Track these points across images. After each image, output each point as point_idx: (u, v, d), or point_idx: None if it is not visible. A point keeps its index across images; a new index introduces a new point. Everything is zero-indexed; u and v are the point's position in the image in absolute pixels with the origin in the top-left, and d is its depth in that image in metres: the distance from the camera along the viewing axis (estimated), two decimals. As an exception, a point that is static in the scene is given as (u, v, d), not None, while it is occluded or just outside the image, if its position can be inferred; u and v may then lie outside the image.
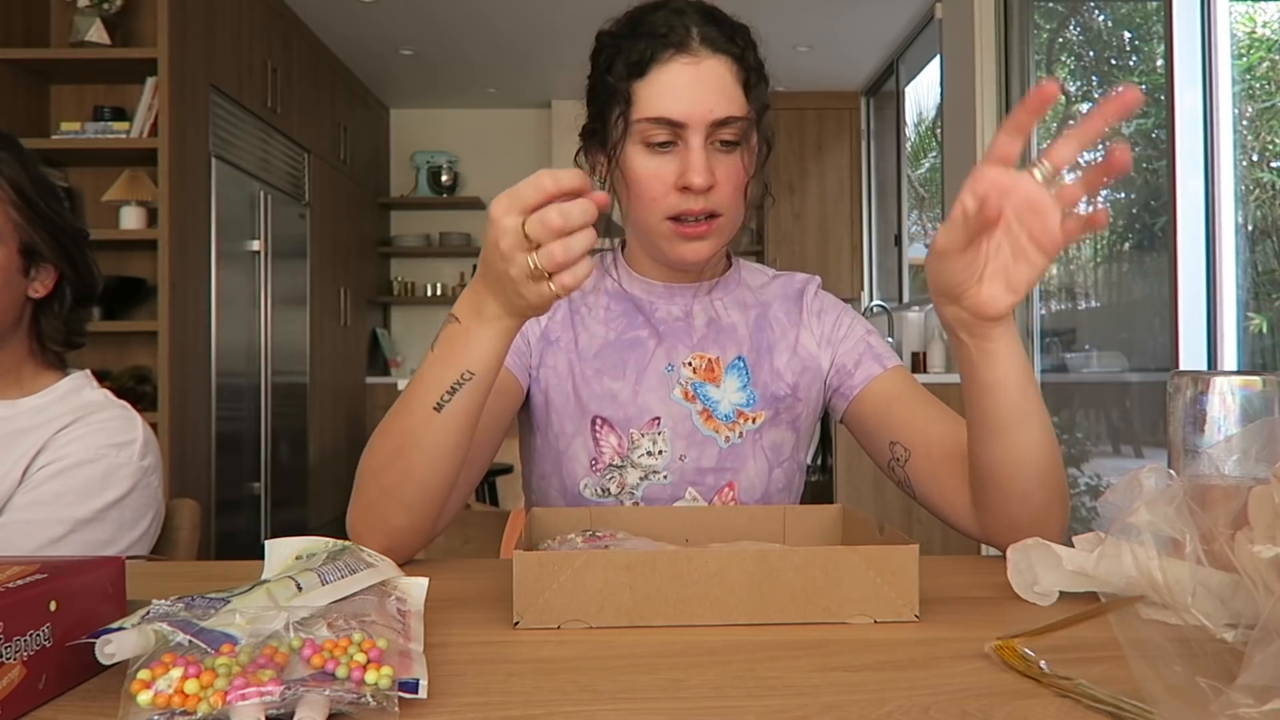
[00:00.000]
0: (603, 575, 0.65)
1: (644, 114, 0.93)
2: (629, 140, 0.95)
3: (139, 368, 3.47)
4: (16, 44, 3.32)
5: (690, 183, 0.92)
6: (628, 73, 0.94)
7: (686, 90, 0.92)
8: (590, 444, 1.03)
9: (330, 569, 0.59)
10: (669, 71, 0.93)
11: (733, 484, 1.05)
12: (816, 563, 0.66)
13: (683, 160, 0.93)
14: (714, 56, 0.93)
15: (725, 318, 1.09)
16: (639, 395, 1.04)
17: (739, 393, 1.06)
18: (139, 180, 3.42)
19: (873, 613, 0.66)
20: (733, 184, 0.96)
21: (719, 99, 0.93)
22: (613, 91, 0.96)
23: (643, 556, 0.66)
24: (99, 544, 1.01)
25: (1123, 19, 3.43)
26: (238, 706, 0.44)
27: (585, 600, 0.65)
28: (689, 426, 1.04)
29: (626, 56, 0.94)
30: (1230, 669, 0.45)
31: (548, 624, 0.64)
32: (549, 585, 0.64)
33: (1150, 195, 3.00)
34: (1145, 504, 0.59)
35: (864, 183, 6.00)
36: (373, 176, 6.17)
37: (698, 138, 0.92)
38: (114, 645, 0.47)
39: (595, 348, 1.06)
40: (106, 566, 0.57)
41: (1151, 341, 2.92)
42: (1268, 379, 0.71)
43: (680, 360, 1.06)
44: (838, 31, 5.00)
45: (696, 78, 0.93)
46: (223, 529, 3.88)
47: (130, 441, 1.07)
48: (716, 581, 0.65)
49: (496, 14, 4.82)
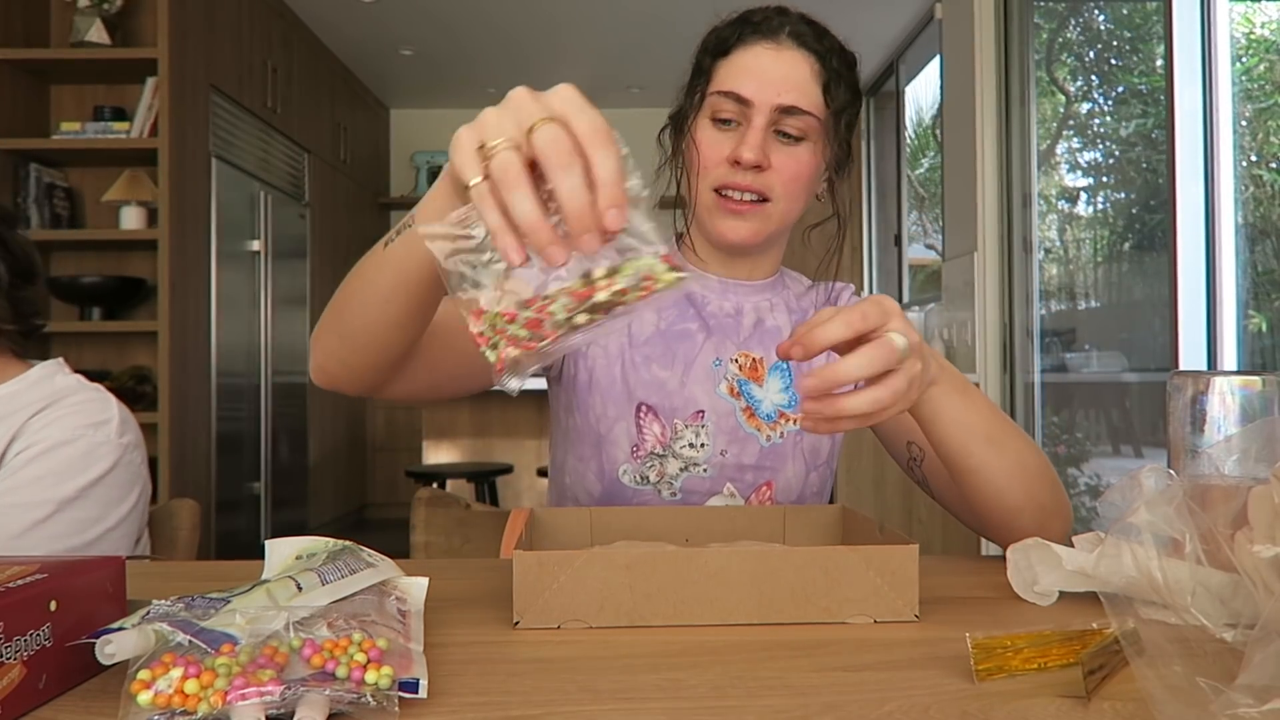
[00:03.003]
0: (602, 575, 0.64)
1: (717, 87, 0.98)
2: (700, 113, 0.99)
3: (139, 368, 3.47)
4: (16, 44, 3.33)
5: (740, 155, 0.95)
6: (714, 51, 0.99)
7: (761, 71, 0.96)
8: (633, 430, 1.04)
9: (330, 569, 0.59)
10: (750, 54, 0.97)
11: (770, 483, 1.05)
12: (817, 563, 0.66)
13: (741, 136, 0.96)
14: (797, 49, 0.97)
15: (771, 320, 1.10)
16: (686, 387, 1.04)
17: (781, 394, 1.07)
18: (139, 180, 3.42)
19: (873, 613, 0.66)
20: (789, 173, 0.98)
21: (789, 87, 0.96)
22: (698, 68, 1.01)
23: (642, 556, 0.65)
24: (87, 522, 1.01)
25: (1123, 19, 3.44)
26: (238, 706, 0.44)
27: (585, 600, 0.64)
28: (732, 423, 1.04)
29: (719, 37, 0.99)
30: (1230, 669, 0.45)
31: (548, 624, 0.64)
32: (549, 585, 0.64)
33: (1150, 195, 3.00)
34: (1145, 504, 0.59)
35: (864, 183, 5.99)
36: (373, 176, 6.17)
37: (761, 118, 0.95)
38: (114, 646, 0.47)
39: (646, 334, 1.06)
40: (107, 566, 0.57)
41: (1151, 341, 2.92)
42: (1268, 379, 0.71)
43: (728, 356, 1.07)
44: (838, 31, 4.99)
45: (774, 61, 0.96)
46: (223, 529, 3.88)
47: (107, 420, 1.07)
48: (717, 581, 0.65)
49: (497, 14, 4.82)
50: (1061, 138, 3.66)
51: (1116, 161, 3.36)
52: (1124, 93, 3.36)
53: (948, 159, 4.07)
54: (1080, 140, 3.62)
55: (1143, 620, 0.53)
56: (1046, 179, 3.63)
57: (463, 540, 1.23)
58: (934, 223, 5.05)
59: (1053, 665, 0.54)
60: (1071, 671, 0.53)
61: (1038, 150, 3.53)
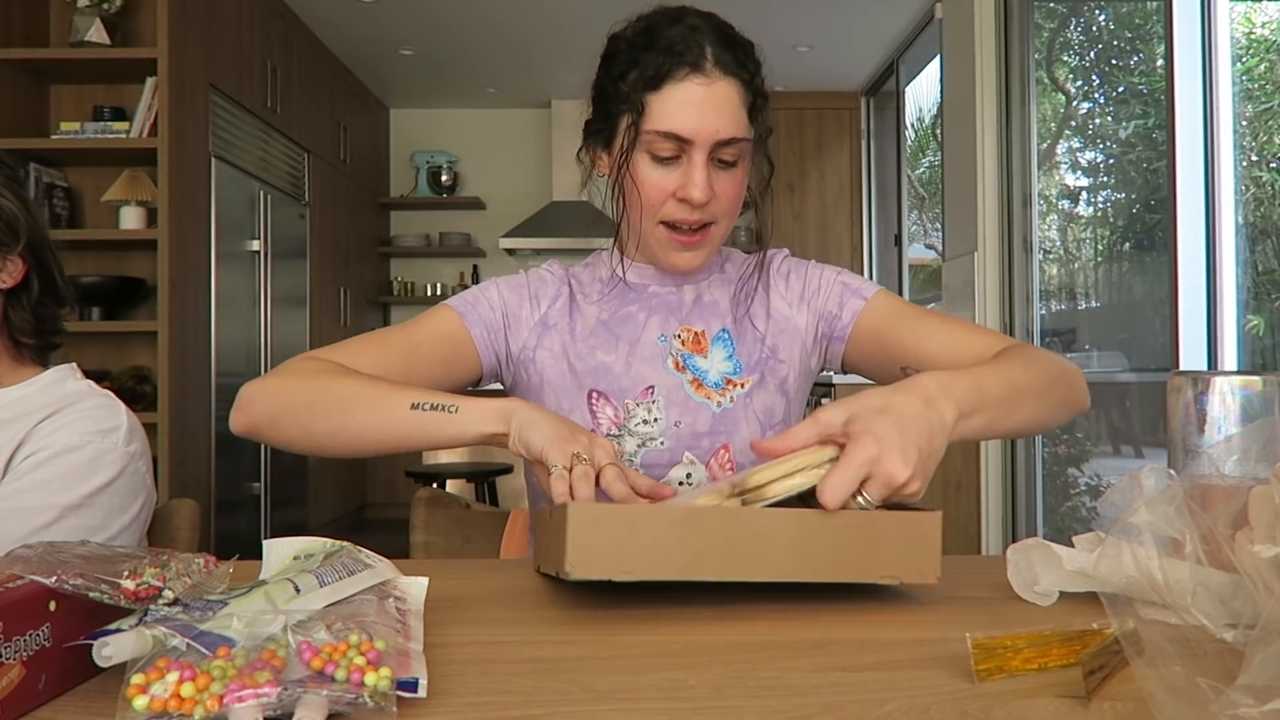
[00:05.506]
0: (654, 530, 0.66)
1: (654, 127, 0.98)
2: (637, 149, 1.00)
3: (139, 368, 3.47)
4: (16, 44, 3.32)
5: (689, 196, 0.98)
6: (643, 84, 0.99)
7: (698, 109, 0.97)
8: (588, 416, 1.07)
9: (328, 570, 0.59)
10: (682, 90, 0.97)
11: (728, 446, 1.08)
12: (854, 525, 0.69)
13: (685, 174, 0.99)
14: (725, 79, 0.98)
15: (708, 295, 1.14)
16: (632, 367, 1.08)
17: (726, 362, 1.10)
18: (139, 180, 3.42)
19: (901, 573, 0.70)
20: (728, 198, 1.02)
21: (725, 120, 0.98)
22: (625, 99, 1.00)
23: (691, 513, 0.67)
24: (89, 529, 1.01)
25: (1123, 19, 3.43)
26: (234, 709, 0.44)
27: (636, 553, 0.65)
28: (681, 395, 1.08)
29: (642, 69, 0.99)
30: (1230, 669, 0.45)
31: (599, 575, 0.65)
32: (603, 537, 0.65)
33: (1150, 195, 3.00)
34: (1145, 504, 0.59)
35: (864, 183, 6.00)
36: (373, 176, 6.17)
37: (701, 154, 0.98)
38: (111, 648, 0.47)
39: (589, 327, 1.11)
40: (105, 567, 0.57)
41: (1151, 341, 2.92)
42: (1268, 379, 0.71)
43: (671, 332, 1.10)
44: (838, 31, 5.00)
45: (708, 98, 0.97)
46: (223, 529, 3.88)
47: (115, 428, 1.07)
48: (762, 540, 0.68)
49: (497, 13, 4.82)
50: (1061, 138, 3.66)
51: (1116, 161, 3.36)
52: (1124, 93, 3.36)
53: (948, 159, 4.07)
54: (1080, 140, 3.62)
55: (1143, 620, 0.53)
56: (1046, 179, 3.63)
57: (462, 540, 1.23)
58: (934, 223, 5.05)
59: (1053, 665, 0.54)
60: (1071, 671, 0.53)
61: (1038, 150, 3.53)
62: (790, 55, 5.27)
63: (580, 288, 1.14)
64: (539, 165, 6.39)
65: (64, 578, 0.50)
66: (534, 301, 1.11)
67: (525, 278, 1.14)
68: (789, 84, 5.67)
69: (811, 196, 5.96)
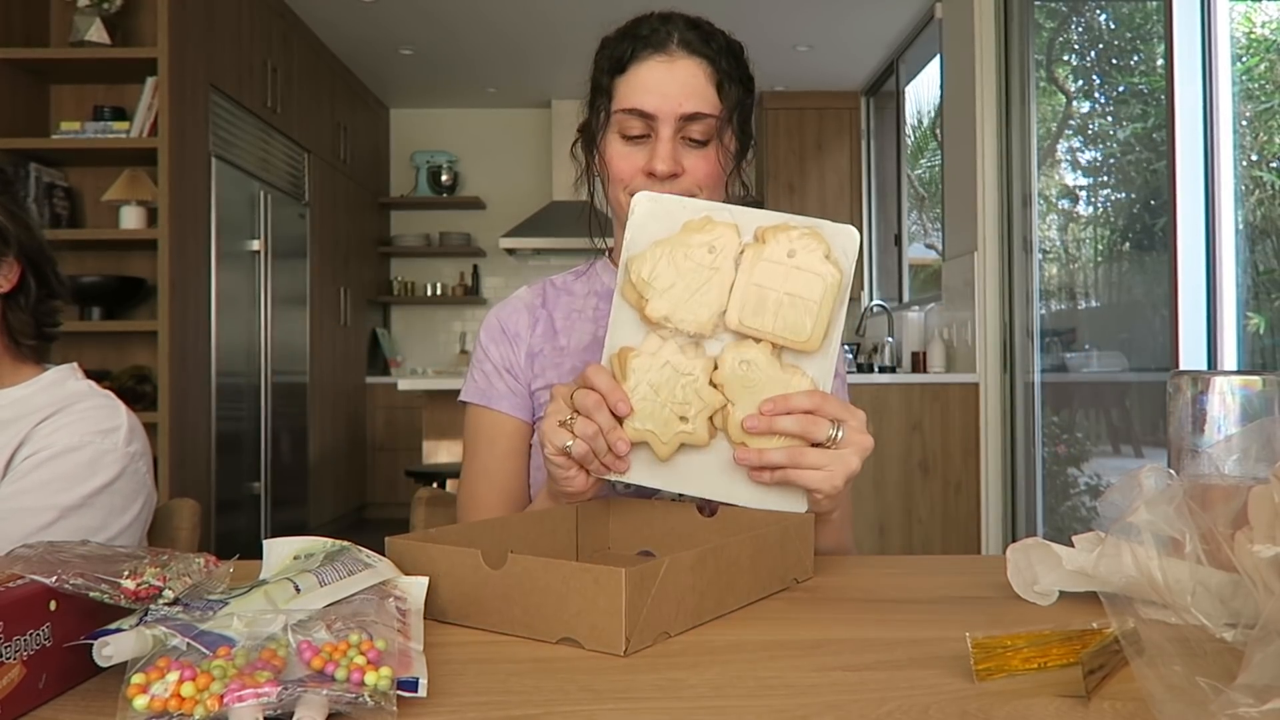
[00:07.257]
0: (677, 580, 0.63)
1: (621, 105, 1.02)
2: (608, 131, 1.04)
3: (139, 368, 3.47)
4: (16, 44, 3.32)
5: (654, 169, 1.00)
6: (610, 69, 1.04)
7: (659, 85, 1.00)
8: None
9: (328, 570, 0.59)
10: (645, 69, 1.01)
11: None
12: (785, 536, 0.78)
13: (652, 149, 1.01)
14: (689, 58, 1.02)
15: None
16: None
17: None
18: (139, 180, 3.42)
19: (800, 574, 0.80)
20: (702, 173, 1.03)
21: (689, 95, 1.00)
22: (597, 87, 1.06)
23: (703, 555, 0.66)
24: (89, 530, 1.00)
25: (1123, 19, 3.44)
26: (234, 709, 0.44)
27: (668, 610, 0.62)
28: None
29: (612, 55, 1.04)
30: (1230, 669, 0.45)
31: (645, 642, 0.60)
32: (645, 601, 0.60)
33: (1150, 195, 3.00)
34: (1145, 504, 0.59)
35: (864, 183, 6.00)
36: (373, 176, 6.17)
37: (667, 129, 1.00)
38: (111, 648, 0.47)
39: (585, 343, 1.11)
40: (106, 567, 0.57)
41: (1151, 341, 2.92)
42: (1268, 379, 0.71)
43: None
44: (838, 31, 4.99)
45: (670, 74, 1.01)
46: (223, 529, 3.88)
47: (115, 428, 1.07)
48: (735, 569, 0.70)
49: (497, 13, 4.82)
50: (1061, 137, 3.66)
51: (1116, 161, 3.36)
52: (1124, 93, 3.36)
53: (948, 159, 4.07)
54: (1080, 140, 3.62)
55: (1143, 620, 0.53)
56: (1046, 179, 3.63)
57: (462, 540, 1.23)
58: (934, 222, 5.05)
59: (1053, 665, 0.54)
60: (1071, 671, 0.53)
61: (1038, 150, 3.53)
62: (790, 55, 5.26)
63: (572, 301, 1.14)
64: (539, 165, 6.39)
65: (64, 577, 0.50)
66: (514, 341, 1.12)
67: (497, 321, 1.14)
68: (789, 84, 5.66)
69: (811, 196, 5.96)
